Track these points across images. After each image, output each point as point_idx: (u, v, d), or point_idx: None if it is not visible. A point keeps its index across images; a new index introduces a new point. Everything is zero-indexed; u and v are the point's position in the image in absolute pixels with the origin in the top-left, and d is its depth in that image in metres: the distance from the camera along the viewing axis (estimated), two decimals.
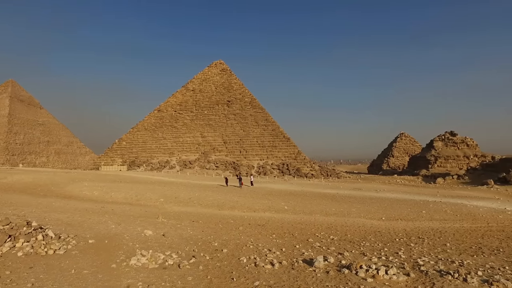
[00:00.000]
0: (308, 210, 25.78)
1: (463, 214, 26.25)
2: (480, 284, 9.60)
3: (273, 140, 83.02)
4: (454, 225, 21.86)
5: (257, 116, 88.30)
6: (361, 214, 25.09)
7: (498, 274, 10.87)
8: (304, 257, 12.31)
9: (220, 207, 26.28)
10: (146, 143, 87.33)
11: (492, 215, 26.43)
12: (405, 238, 17.18)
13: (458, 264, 12.22)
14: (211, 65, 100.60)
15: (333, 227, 19.56)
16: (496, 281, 9.69)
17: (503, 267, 11.95)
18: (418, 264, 11.89)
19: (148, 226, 15.56)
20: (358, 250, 14.24)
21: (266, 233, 17.00)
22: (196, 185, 40.41)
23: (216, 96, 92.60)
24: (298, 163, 77.97)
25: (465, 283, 9.67)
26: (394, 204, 30.36)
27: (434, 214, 25.82)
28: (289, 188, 42.44)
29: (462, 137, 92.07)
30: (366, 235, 17.81)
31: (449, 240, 17.18)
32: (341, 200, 32.60)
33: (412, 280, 10.02)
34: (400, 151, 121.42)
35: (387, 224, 21.35)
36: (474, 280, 9.76)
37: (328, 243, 15.35)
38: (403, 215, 25.17)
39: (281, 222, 20.47)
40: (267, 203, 28.63)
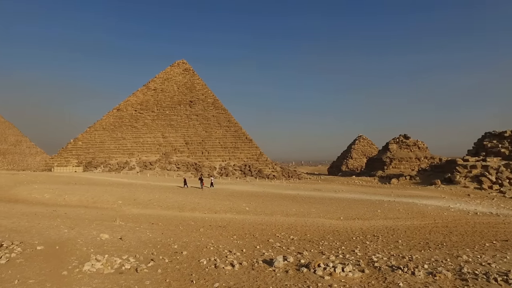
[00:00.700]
0: (269, 211, 26.07)
1: (414, 212, 27.85)
2: (426, 276, 10.31)
3: (236, 142, 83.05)
4: (405, 223, 23.14)
5: (219, 117, 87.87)
6: (321, 214, 25.80)
7: (441, 266, 11.72)
8: (264, 257, 12.45)
9: (181, 209, 25.85)
10: (104, 143, 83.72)
11: (438, 212, 28.32)
12: (361, 237, 17.93)
13: (408, 259, 12.97)
14: (174, 65, 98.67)
15: (293, 227, 19.95)
16: (438, 272, 10.46)
17: (445, 260, 12.90)
18: (373, 260, 12.47)
19: (104, 229, 14.94)
20: (317, 249, 14.65)
21: (227, 234, 16.98)
22: (156, 187, 39.40)
23: (178, 96, 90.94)
24: (260, 165, 78.60)
25: (413, 276, 10.31)
26: (352, 204, 31.54)
27: (388, 213, 27.15)
28: (251, 189, 42.66)
29: (414, 140, 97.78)
30: (325, 234, 18.36)
31: (401, 237, 18.18)
32: (301, 200, 33.30)
33: (366, 276, 10.49)
34: (358, 153, 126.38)
35: (345, 224, 22.13)
36: (420, 273, 10.44)
37: (288, 243, 15.63)
38: (360, 214, 26.21)
39: (242, 223, 20.53)
40: (229, 205, 28.59)
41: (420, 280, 10.04)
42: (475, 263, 12.55)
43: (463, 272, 10.94)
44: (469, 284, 9.77)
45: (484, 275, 10.57)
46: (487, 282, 9.92)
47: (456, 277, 10.37)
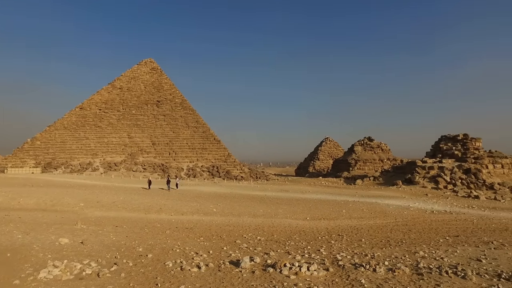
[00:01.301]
0: (236, 212, 26.08)
1: (376, 212, 28.96)
2: (386, 272, 10.79)
3: (204, 142, 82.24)
4: (369, 222, 24.00)
5: (187, 117, 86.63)
6: (288, 214, 26.16)
7: (400, 262, 12.32)
8: (231, 258, 12.45)
9: (147, 210, 25.22)
10: (65, 143, 79.84)
11: (399, 211, 29.66)
12: (327, 236, 18.38)
13: (370, 256, 13.48)
14: (141, 63, 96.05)
15: (261, 228, 20.09)
16: (398, 268, 10.99)
17: (404, 256, 13.57)
18: (337, 259, 12.85)
19: (64, 234, 14.27)
20: (283, 249, 14.84)
21: (194, 236, 16.81)
22: (121, 188, 38.19)
23: (145, 95, 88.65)
24: (228, 166, 78.40)
25: (374, 273, 10.74)
26: (318, 205, 32.24)
27: (352, 213, 28.03)
28: (219, 190, 42.46)
29: (378, 142, 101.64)
30: (291, 234, 18.64)
31: (364, 235, 18.84)
32: (269, 201, 33.60)
33: (330, 274, 10.79)
34: (325, 155, 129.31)
35: (311, 224, 22.58)
36: (381, 269, 10.91)
37: (255, 244, 15.72)
38: (325, 214, 26.85)
39: (209, 225, 20.40)
40: (196, 206, 28.28)
41: (381, 276, 10.48)
42: (430, 258, 13.29)
43: (419, 267, 11.55)
44: (424, 278, 10.35)
45: (437, 269, 11.24)
46: (439, 275, 10.56)
47: (413, 272, 10.93)
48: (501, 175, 59.04)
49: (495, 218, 27.87)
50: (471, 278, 10.25)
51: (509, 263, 13.04)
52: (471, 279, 10.23)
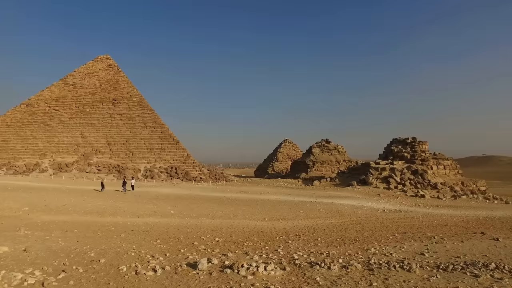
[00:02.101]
0: (195, 214, 25.72)
1: (332, 212, 29.97)
2: (340, 269, 11.23)
3: (162, 143, 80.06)
4: (325, 222, 24.77)
5: (145, 117, 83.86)
6: (246, 215, 26.27)
7: (353, 259, 12.89)
8: (188, 260, 12.27)
9: (101, 213, 24.06)
10: (8, 142, 73.78)
11: (353, 211, 30.93)
12: (284, 236, 18.71)
13: (325, 255, 13.95)
14: (96, 59, 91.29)
15: (219, 230, 19.99)
16: (351, 265, 11.50)
17: (357, 253, 14.23)
18: (294, 258, 13.14)
19: (3, 241, 13.21)
20: (241, 250, 14.89)
21: (150, 239, 16.33)
22: (73, 190, 36.11)
23: (101, 93, 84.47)
24: (187, 167, 77.01)
25: (329, 270, 11.13)
26: (276, 206, 32.70)
27: (309, 213, 28.77)
28: (177, 192, 41.63)
29: (335, 144, 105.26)
30: (250, 235, 18.75)
31: (320, 235, 19.43)
32: (228, 203, 33.51)
33: (287, 273, 11.01)
34: (284, 156, 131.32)
35: (269, 224, 22.85)
36: (335, 267, 11.34)
37: (213, 245, 15.62)
38: (283, 215, 27.31)
39: (166, 227, 19.93)
40: (153, 208, 27.50)
41: (335, 273, 10.89)
42: (381, 254, 14.04)
43: (371, 263, 12.16)
44: (374, 273, 10.92)
45: (387, 264, 11.91)
46: (388, 270, 11.21)
47: (365, 268, 11.48)
48: (443, 175, 63.70)
49: (438, 215, 30.05)
50: (415, 271, 11.01)
51: (447, 255, 14.21)
52: (415, 271, 10.99)
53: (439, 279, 10.42)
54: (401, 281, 10.19)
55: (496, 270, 11.46)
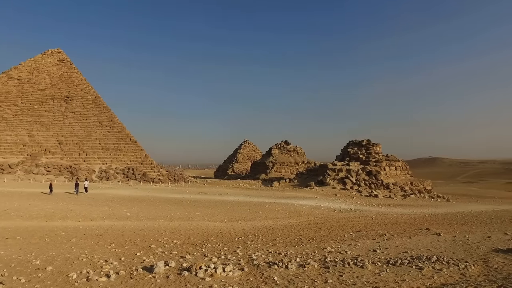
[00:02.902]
0: (152, 216, 25.01)
1: (291, 212, 30.55)
2: (297, 268, 11.50)
3: (119, 143, 76.90)
4: (283, 222, 25.19)
5: (101, 116, 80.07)
6: (205, 217, 26.01)
7: (310, 258, 13.27)
8: (144, 264, 11.93)
9: (49, 218, 22.55)
10: None
11: (311, 211, 31.77)
12: (243, 237, 18.77)
13: (283, 254, 14.20)
14: (46, 53, 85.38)
15: (177, 232, 19.61)
16: (308, 264, 11.82)
17: (314, 252, 14.65)
18: (252, 259, 13.24)
19: None
20: (200, 252, 14.73)
21: (104, 243, 15.63)
22: (16, 193, 33.59)
23: (51, 89, 79.15)
24: (145, 168, 74.68)
25: (286, 269, 11.36)
26: (235, 207, 32.71)
27: (268, 214, 29.09)
28: (134, 193, 40.25)
29: (294, 146, 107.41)
30: (208, 237, 18.59)
31: (279, 235, 19.72)
32: (186, 204, 32.98)
33: (245, 274, 11.08)
34: (243, 157, 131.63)
35: (228, 225, 22.80)
36: (293, 266, 11.59)
37: (171, 248, 15.30)
38: (243, 216, 27.38)
39: (122, 230, 19.18)
40: (108, 211, 26.34)
41: (292, 272, 11.13)
42: (336, 252, 14.58)
43: (327, 261, 12.59)
44: (330, 270, 11.32)
45: (341, 261, 12.40)
46: (343, 267, 11.68)
47: (321, 266, 11.86)
48: (394, 176, 67.44)
49: (389, 213, 31.77)
50: (367, 267, 11.57)
51: (396, 250, 15.11)
52: (367, 267, 11.55)
53: (388, 273, 11.03)
54: (355, 277, 10.65)
55: (437, 262, 12.39)
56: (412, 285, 9.91)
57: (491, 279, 10.63)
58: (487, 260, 13.35)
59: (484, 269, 11.92)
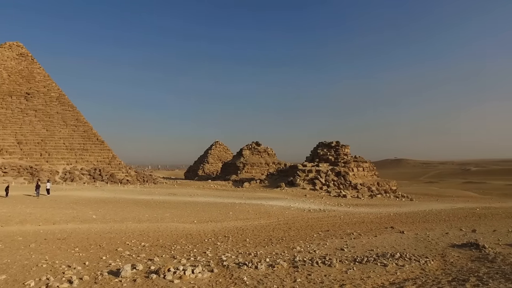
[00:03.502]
0: (119, 218, 24.29)
1: (261, 213, 30.72)
2: (267, 268, 11.60)
3: (85, 143, 73.95)
4: (254, 223, 25.30)
5: (65, 114, 76.59)
6: (175, 218, 25.62)
7: (280, 258, 13.42)
8: (110, 268, 11.57)
9: (5, 222, 21.28)
10: None
11: (281, 211, 32.11)
12: (213, 238, 18.67)
13: (253, 255, 14.27)
14: (4, 46, 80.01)
15: (146, 234, 19.19)
16: (277, 264, 11.96)
17: (284, 252, 14.83)
18: (222, 260, 13.20)
19: None
20: (169, 254, 14.50)
21: (67, 247, 14.99)
22: None
23: (10, 85, 74.69)
24: (113, 168, 72.31)
25: (256, 270, 11.42)
26: (206, 208, 32.46)
27: (239, 214, 29.11)
28: (100, 195, 38.90)
29: (265, 147, 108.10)
30: (178, 238, 18.33)
31: (249, 236, 19.79)
32: (155, 206, 32.33)
33: (215, 275, 11.03)
34: (214, 158, 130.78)
35: (198, 227, 22.60)
36: (262, 266, 11.67)
37: (138, 250, 14.94)
38: (213, 217, 27.22)
39: (87, 233, 18.49)
40: (71, 213, 25.28)
41: (262, 272, 11.21)
42: (305, 252, 14.84)
43: (296, 260, 12.78)
44: (298, 270, 11.51)
45: (310, 260, 12.63)
46: (311, 266, 11.91)
47: (290, 266, 12.03)
48: (362, 176, 69.55)
49: (357, 213, 32.74)
50: (335, 265, 11.88)
51: (363, 249, 15.61)
52: (335, 266, 11.87)
53: (355, 271, 11.39)
54: (323, 275, 10.90)
55: (400, 258, 12.96)
56: (377, 282, 10.28)
57: (447, 272, 11.25)
58: (444, 255, 14.13)
59: (441, 264, 12.61)
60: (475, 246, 15.23)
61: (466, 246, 15.58)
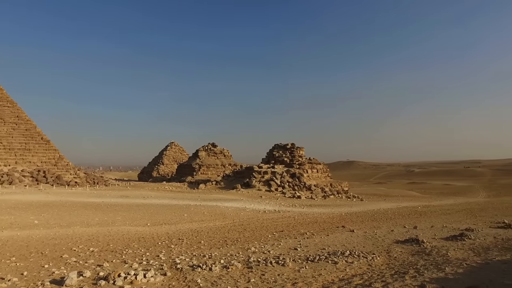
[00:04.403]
0: (65, 223, 22.85)
1: (216, 214, 30.55)
2: (221, 270, 11.58)
3: (27, 142, 68.54)
4: (209, 224, 25.09)
5: (3, 111, 70.51)
6: (127, 221, 24.66)
7: (234, 259, 13.45)
8: (53, 277, 10.86)
9: None
10: None
11: (236, 213, 32.17)
12: (167, 241, 18.24)
13: (208, 257, 14.16)
14: None
15: (95, 238, 18.25)
16: (231, 265, 11.98)
17: (238, 253, 14.89)
18: (176, 262, 12.95)
19: None
20: (119, 258, 13.93)
21: (2, 257, 13.79)
22: None
23: None
24: (59, 170, 67.80)
25: (210, 272, 11.35)
26: (159, 210, 31.60)
27: (194, 216, 28.70)
28: (44, 198, 36.32)
29: (221, 148, 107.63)
30: (130, 242, 17.67)
31: (204, 237, 19.60)
32: (106, 209, 30.86)
33: (168, 279, 10.79)
34: (169, 159, 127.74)
35: (151, 230, 21.95)
36: (217, 268, 11.63)
37: (86, 256, 14.18)
38: (167, 219, 26.58)
39: (27, 241, 17.16)
40: (8, 219, 23.31)
41: (216, 274, 11.16)
42: (260, 252, 15.01)
43: (250, 261, 12.89)
44: (253, 270, 11.62)
45: (264, 260, 12.81)
46: (265, 266, 12.09)
47: (245, 266, 12.10)
48: (316, 178, 71.80)
49: (310, 213, 33.74)
50: (288, 265, 12.15)
51: (315, 248, 16.14)
52: (288, 265, 12.14)
53: (307, 269, 11.73)
54: (276, 275, 11.10)
55: (350, 256, 13.59)
56: (327, 279, 10.68)
57: (391, 266, 12.00)
58: (389, 251, 15.05)
59: (386, 259, 13.42)
60: (415, 242, 16.41)
61: (408, 242, 16.73)
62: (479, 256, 12.78)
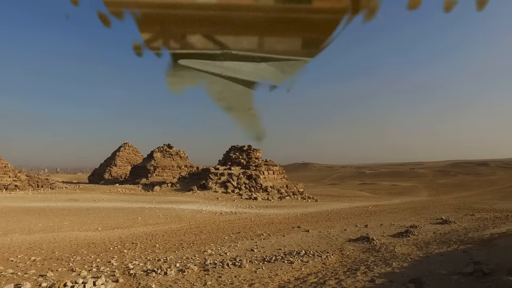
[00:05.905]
0: (1, 231, 20.99)
1: (172, 217, 29.80)
2: (176, 274, 11.33)
3: None
4: (164, 227, 24.39)
5: None
6: (75, 226, 23.22)
7: (190, 262, 13.23)
8: None
9: None
10: None
11: (193, 215, 31.63)
12: (120, 246, 17.46)
13: (163, 261, 13.77)
14: None
15: (37, 246, 16.95)
16: (187, 268, 11.77)
17: (194, 256, 14.66)
18: (129, 268, 12.44)
19: None
20: (66, 267, 13.07)
21: None
22: None
23: None
24: None
25: (165, 276, 11.06)
26: (111, 213, 30.17)
27: (148, 219, 27.75)
28: None
29: (177, 149, 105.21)
30: (78, 248, 16.66)
31: (159, 241, 19.03)
32: (51, 213, 28.83)
33: (120, 285, 10.34)
34: (123, 161, 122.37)
35: (102, 234, 20.87)
36: (172, 271, 11.36)
37: (27, 267, 13.10)
38: (120, 223, 25.44)
39: None
40: None
41: (171, 278, 10.90)
42: (216, 255, 14.89)
43: (207, 263, 12.74)
44: (209, 273, 11.50)
45: (221, 263, 12.74)
46: (222, 268, 12.02)
47: (201, 269, 11.94)
48: (272, 179, 72.79)
49: (267, 214, 34.10)
50: (245, 266, 12.18)
51: (272, 248, 16.36)
52: (245, 266, 12.17)
53: (264, 270, 11.84)
54: (233, 276, 11.07)
55: (305, 255, 13.95)
56: (284, 278, 10.85)
57: (343, 264, 12.50)
58: (342, 249, 15.67)
59: (340, 257, 13.95)
60: (366, 239, 17.26)
61: (360, 240, 17.55)
62: (421, 250, 13.78)
